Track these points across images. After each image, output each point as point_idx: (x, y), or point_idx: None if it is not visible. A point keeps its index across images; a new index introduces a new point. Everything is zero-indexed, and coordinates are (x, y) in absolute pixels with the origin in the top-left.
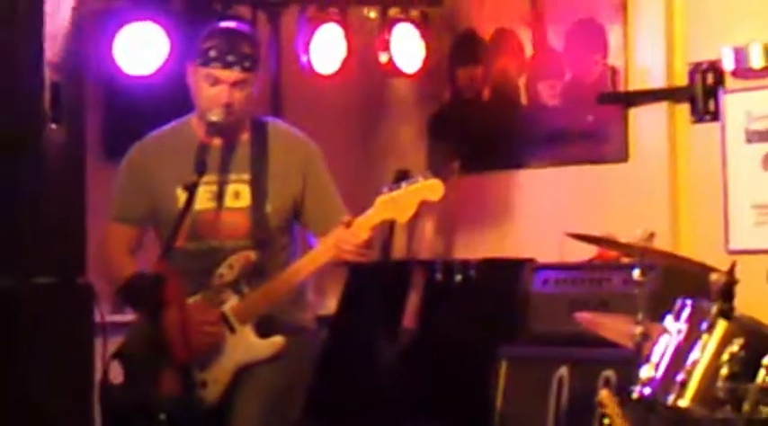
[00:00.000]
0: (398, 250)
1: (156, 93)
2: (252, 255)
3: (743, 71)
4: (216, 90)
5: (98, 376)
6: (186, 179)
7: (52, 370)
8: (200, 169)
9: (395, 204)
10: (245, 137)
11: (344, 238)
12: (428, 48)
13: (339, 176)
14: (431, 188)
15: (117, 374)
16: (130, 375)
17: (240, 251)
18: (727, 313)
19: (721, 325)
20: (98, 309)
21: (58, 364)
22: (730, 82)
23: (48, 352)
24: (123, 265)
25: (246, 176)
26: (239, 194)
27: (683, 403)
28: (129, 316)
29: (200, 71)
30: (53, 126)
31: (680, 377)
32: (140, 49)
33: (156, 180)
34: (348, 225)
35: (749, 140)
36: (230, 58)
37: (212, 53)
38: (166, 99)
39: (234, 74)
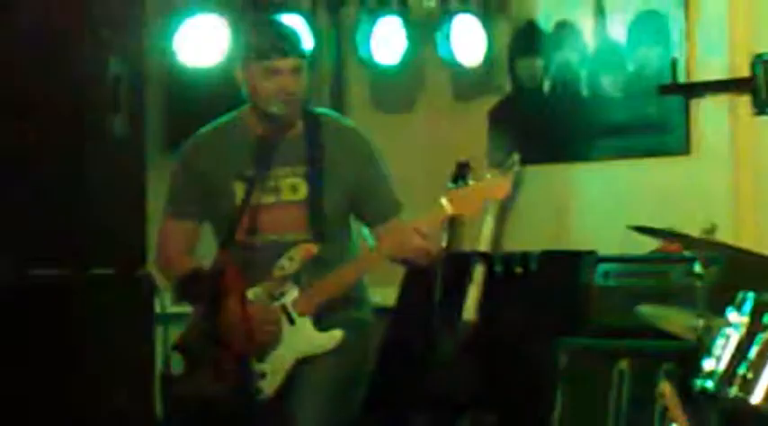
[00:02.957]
0: (458, 242)
1: (217, 86)
2: (312, 248)
3: None
4: (276, 80)
5: (159, 367)
6: (242, 173)
7: (111, 362)
8: (263, 163)
9: (460, 201)
10: (299, 129)
11: (409, 238)
12: (488, 39)
13: (399, 168)
14: (497, 186)
15: (178, 365)
16: (191, 366)
17: (300, 243)
18: None
19: None
20: (159, 300)
21: (117, 355)
22: None
23: (106, 344)
24: (180, 261)
25: (302, 169)
26: (296, 187)
27: (748, 397)
28: (190, 307)
29: (255, 66)
30: (114, 117)
31: (742, 371)
32: (202, 42)
33: (211, 174)
34: (415, 226)
35: None
36: (286, 46)
37: (267, 44)
38: (228, 92)
39: (291, 61)
